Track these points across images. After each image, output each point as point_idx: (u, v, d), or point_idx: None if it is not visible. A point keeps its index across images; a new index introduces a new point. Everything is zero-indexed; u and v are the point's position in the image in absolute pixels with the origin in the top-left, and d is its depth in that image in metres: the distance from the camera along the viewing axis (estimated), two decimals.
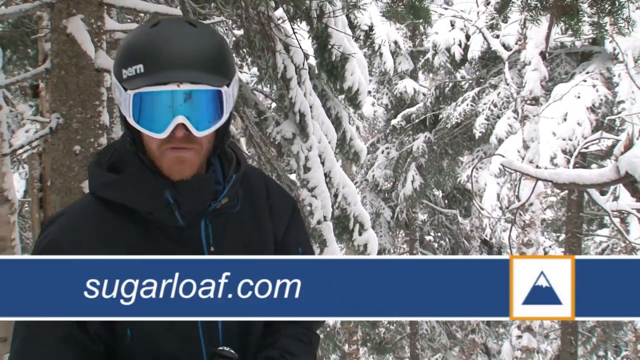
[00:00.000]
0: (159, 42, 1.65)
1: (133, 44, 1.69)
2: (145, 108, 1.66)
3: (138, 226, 1.79)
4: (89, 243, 1.75)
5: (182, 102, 1.65)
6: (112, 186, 1.80)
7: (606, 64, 12.97)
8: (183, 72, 1.63)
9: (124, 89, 1.68)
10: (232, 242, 1.90)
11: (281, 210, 2.07)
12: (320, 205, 8.36)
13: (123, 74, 1.67)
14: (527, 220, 12.01)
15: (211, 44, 1.71)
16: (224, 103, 1.71)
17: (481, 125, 14.04)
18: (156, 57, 1.64)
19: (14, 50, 7.50)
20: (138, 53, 1.66)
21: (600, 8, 5.52)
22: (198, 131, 1.67)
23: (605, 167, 4.80)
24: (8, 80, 5.39)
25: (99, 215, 1.79)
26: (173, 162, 1.73)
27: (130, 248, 1.76)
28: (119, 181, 1.79)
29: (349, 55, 8.70)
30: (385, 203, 18.27)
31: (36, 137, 5.21)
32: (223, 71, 1.71)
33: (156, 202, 1.76)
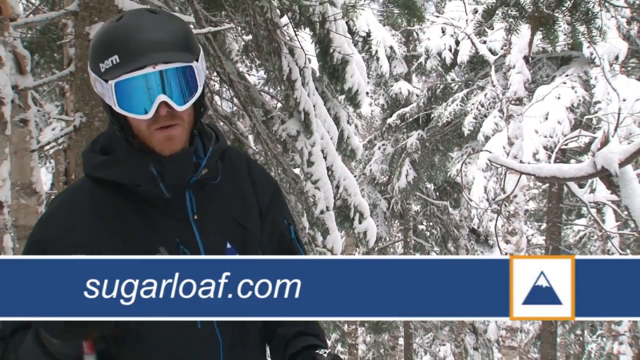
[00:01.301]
0: (128, 32, 1.67)
1: (104, 39, 1.70)
2: (128, 94, 1.67)
3: (128, 199, 1.81)
4: (82, 212, 1.79)
5: (160, 82, 1.66)
6: (102, 166, 1.83)
7: (584, 68, 12.95)
8: (155, 54, 1.65)
9: (105, 81, 1.68)
10: (215, 211, 1.90)
11: (264, 183, 2.06)
12: (323, 197, 8.36)
13: (100, 67, 1.68)
14: (511, 210, 12.00)
15: (174, 26, 1.73)
16: (196, 76, 1.72)
17: (470, 123, 14.03)
18: (128, 46, 1.65)
19: (41, 55, 7.50)
20: (110, 46, 1.67)
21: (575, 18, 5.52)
22: (179, 106, 1.69)
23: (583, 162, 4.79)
24: (36, 82, 5.38)
25: (92, 191, 1.83)
26: (163, 140, 1.74)
27: (121, 219, 1.79)
28: (108, 161, 1.82)
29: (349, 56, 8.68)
30: (381, 195, 18.27)
31: (61, 135, 5.20)
32: (189, 48, 1.72)
33: (142, 175, 1.77)
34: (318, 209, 8.35)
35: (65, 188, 1.95)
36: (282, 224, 2.08)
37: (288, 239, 2.09)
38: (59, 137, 5.28)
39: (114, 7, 4.50)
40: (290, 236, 2.10)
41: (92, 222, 1.78)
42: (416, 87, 17.94)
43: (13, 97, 4.32)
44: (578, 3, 5.62)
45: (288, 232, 2.10)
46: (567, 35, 6.18)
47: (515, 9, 5.97)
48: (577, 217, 18.42)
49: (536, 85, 12.96)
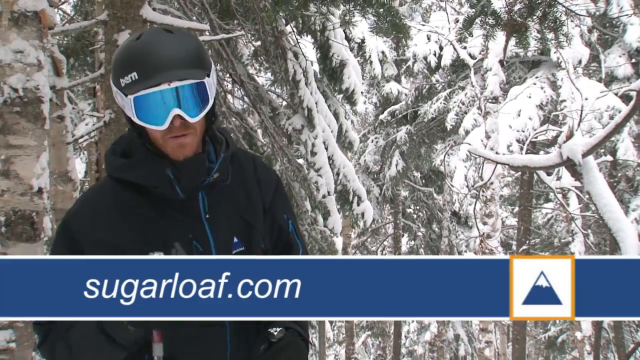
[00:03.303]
0: (146, 51, 1.67)
1: (125, 56, 1.71)
2: (145, 107, 1.68)
3: (146, 198, 1.80)
4: (106, 210, 1.79)
5: (174, 97, 1.67)
6: (123, 168, 1.82)
7: (551, 70, 12.92)
8: (170, 73, 1.65)
9: (125, 95, 1.69)
10: (225, 210, 1.88)
11: (267, 182, 2.03)
12: (324, 183, 8.38)
13: (121, 82, 1.69)
14: (488, 195, 12.02)
15: (188, 45, 1.72)
16: (207, 91, 1.72)
17: (452, 119, 14.01)
18: (146, 64, 1.65)
19: (75, 59, 7.50)
20: (130, 63, 1.68)
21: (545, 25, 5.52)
22: (191, 118, 1.69)
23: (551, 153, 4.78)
24: (71, 83, 5.37)
25: (114, 190, 1.83)
26: (176, 147, 1.75)
27: (140, 216, 1.79)
28: (129, 164, 1.82)
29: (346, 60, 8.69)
30: (374, 182, 18.27)
31: (93, 129, 5.20)
32: (201, 65, 1.72)
33: (159, 178, 1.77)
34: (320, 194, 8.38)
35: (91, 185, 1.96)
36: (282, 219, 2.05)
37: (286, 232, 2.06)
38: (91, 131, 5.29)
39: (139, 16, 4.49)
40: (288, 230, 2.06)
41: (114, 219, 1.78)
42: (405, 87, 17.90)
43: (51, 96, 4.31)
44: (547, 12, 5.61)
45: (287, 226, 2.06)
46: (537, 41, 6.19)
47: (492, 17, 5.97)
48: (545, 201, 18.42)
49: (510, 85, 12.94)
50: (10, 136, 3.20)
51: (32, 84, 3.23)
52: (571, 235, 15.78)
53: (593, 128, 10.75)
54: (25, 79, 3.22)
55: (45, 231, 3.32)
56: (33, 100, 3.24)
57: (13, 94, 3.19)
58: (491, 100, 11.60)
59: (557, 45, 5.97)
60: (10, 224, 3.20)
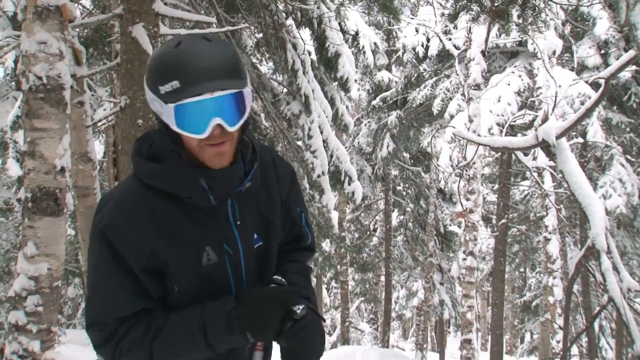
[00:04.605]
0: (187, 60, 1.56)
1: (165, 63, 1.59)
2: (187, 116, 1.57)
3: (178, 204, 1.71)
4: (140, 218, 1.68)
5: (215, 106, 1.57)
6: (155, 175, 1.70)
7: (529, 60, 12.90)
8: (212, 83, 1.55)
9: (164, 102, 1.58)
10: (251, 214, 1.84)
11: (285, 176, 1.99)
12: (319, 164, 8.36)
13: (160, 90, 1.58)
14: (471, 174, 12.01)
15: (227, 55, 1.61)
16: (245, 100, 1.62)
17: (438, 105, 13.99)
18: (188, 74, 1.55)
19: (94, 49, 7.46)
20: (171, 71, 1.56)
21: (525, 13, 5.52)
22: (231, 127, 1.59)
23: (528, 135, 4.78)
24: (90, 72, 5.34)
25: (146, 197, 1.70)
26: (214, 156, 1.65)
27: (173, 222, 1.70)
28: (161, 171, 1.70)
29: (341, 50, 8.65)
30: (367, 162, 18.28)
31: (110, 113, 5.18)
32: (241, 75, 1.62)
33: (194, 189, 1.69)
34: (315, 174, 8.37)
35: (119, 188, 1.77)
36: (296, 212, 2.03)
37: (299, 225, 2.05)
38: (109, 115, 5.27)
39: (152, 10, 4.46)
40: (300, 223, 2.06)
41: (149, 226, 1.68)
42: (395, 76, 17.84)
43: (72, 84, 4.31)
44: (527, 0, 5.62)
45: (299, 219, 2.05)
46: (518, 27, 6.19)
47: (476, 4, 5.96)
48: (522, 179, 18.44)
49: (491, 74, 12.91)
50: (35, 120, 3.20)
51: (54, 72, 3.23)
52: (545, 210, 15.83)
53: (566, 113, 10.76)
54: (49, 67, 3.21)
55: (68, 206, 3.33)
56: (55, 87, 3.23)
57: (37, 81, 3.19)
58: (474, 87, 11.56)
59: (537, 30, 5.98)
60: (36, 200, 3.21)
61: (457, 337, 28.75)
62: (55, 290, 3.29)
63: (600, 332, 16.91)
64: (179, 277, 1.71)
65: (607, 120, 12.70)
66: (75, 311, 16.63)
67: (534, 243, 20.51)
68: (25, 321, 3.18)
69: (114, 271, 1.66)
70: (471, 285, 12.36)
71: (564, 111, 10.78)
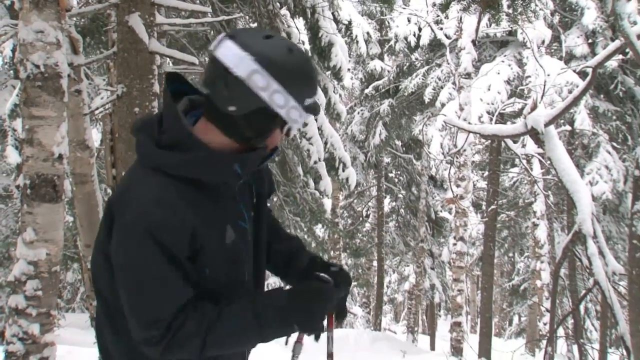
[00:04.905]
0: (314, 75, 1.67)
1: (311, 76, 1.66)
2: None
3: (200, 190, 1.68)
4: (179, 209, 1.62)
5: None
6: (189, 165, 1.65)
7: (518, 49, 12.90)
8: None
9: (304, 111, 1.65)
10: (264, 188, 1.93)
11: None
12: (315, 150, 8.36)
13: (305, 101, 1.64)
14: (461, 161, 12.03)
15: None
16: None
17: (429, 93, 14.00)
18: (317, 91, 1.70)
19: (91, 38, 7.42)
20: (314, 86, 1.67)
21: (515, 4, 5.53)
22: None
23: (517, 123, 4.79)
24: (87, 60, 5.31)
25: (176, 187, 1.64)
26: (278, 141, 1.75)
27: (202, 207, 1.67)
28: (196, 161, 1.65)
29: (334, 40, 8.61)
30: (360, 150, 18.27)
31: (107, 102, 5.16)
32: None
33: (230, 174, 1.68)
34: (312, 160, 8.37)
35: (148, 183, 1.65)
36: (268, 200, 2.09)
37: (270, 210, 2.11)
38: (106, 103, 5.25)
39: (147, 0, 4.43)
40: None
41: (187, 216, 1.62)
42: (387, 65, 17.80)
43: (69, 72, 4.28)
44: None
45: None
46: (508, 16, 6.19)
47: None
48: (511, 166, 18.50)
49: (481, 63, 12.91)
50: (33, 108, 3.19)
51: (51, 61, 3.21)
52: (534, 196, 15.89)
53: (554, 101, 10.76)
54: (46, 56, 3.19)
55: (66, 193, 3.33)
56: (53, 76, 3.21)
57: (35, 70, 3.16)
58: (464, 76, 11.56)
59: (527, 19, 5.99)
60: (34, 187, 3.20)
61: (447, 320, 28.90)
62: (54, 275, 3.29)
63: (586, 314, 17.04)
64: (210, 259, 1.68)
65: (594, 108, 12.72)
66: (74, 295, 16.63)
67: (522, 228, 20.61)
68: (25, 305, 3.18)
69: (166, 266, 1.60)
70: (461, 270, 12.43)
71: (552, 99, 10.79)
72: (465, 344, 11.95)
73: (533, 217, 15.98)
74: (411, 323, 19.88)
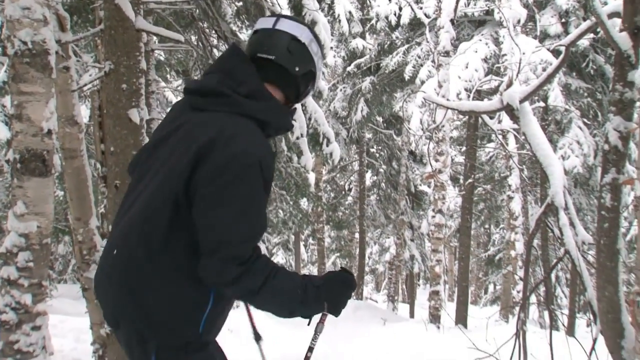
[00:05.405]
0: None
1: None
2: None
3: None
4: (272, 153, 1.81)
5: None
6: (270, 110, 1.87)
7: (495, 29, 12.88)
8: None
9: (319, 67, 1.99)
10: None
11: None
12: (298, 126, 8.31)
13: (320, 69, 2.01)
14: (440, 137, 12.06)
15: None
16: None
17: (409, 71, 13.98)
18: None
19: (78, 16, 7.31)
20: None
21: None
22: None
23: (493, 100, 4.79)
24: (74, 38, 5.22)
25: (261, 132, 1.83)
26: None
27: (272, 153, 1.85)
28: (275, 107, 1.89)
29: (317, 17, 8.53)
30: (342, 126, 18.24)
31: (95, 78, 5.09)
32: None
33: (289, 123, 1.99)
34: (294, 136, 8.32)
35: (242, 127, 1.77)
36: None
37: None
38: (94, 80, 5.18)
39: None
40: None
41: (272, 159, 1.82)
42: (369, 43, 17.71)
43: (57, 49, 4.21)
44: None
45: None
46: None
47: None
48: (488, 141, 18.57)
49: (459, 41, 12.88)
50: (21, 84, 3.14)
51: (39, 37, 3.15)
52: (509, 170, 16.00)
53: (529, 78, 10.79)
54: (33, 33, 3.14)
55: (55, 167, 3.29)
56: (41, 52, 3.16)
57: (22, 46, 3.11)
58: (443, 54, 11.53)
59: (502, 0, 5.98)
60: (24, 161, 3.16)
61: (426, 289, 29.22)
62: (45, 247, 3.27)
63: (557, 282, 17.29)
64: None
65: (566, 85, 12.79)
66: (66, 267, 16.56)
67: (498, 201, 20.77)
68: (16, 276, 3.17)
69: (263, 196, 1.77)
70: (439, 241, 12.53)
71: (527, 77, 10.82)
72: (443, 311, 12.09)
73: (508, 190, 16.10)
74: (391, 292, 20.07)
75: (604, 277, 3.49)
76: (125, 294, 1.74)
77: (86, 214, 5.13)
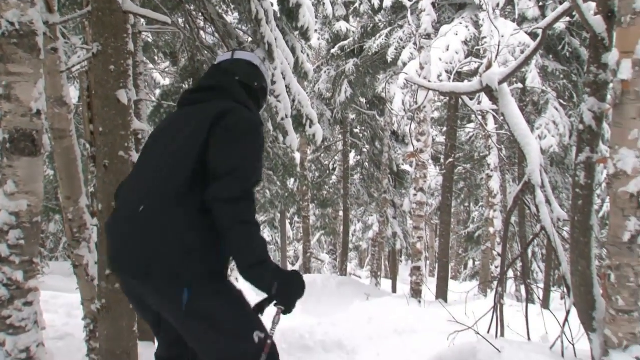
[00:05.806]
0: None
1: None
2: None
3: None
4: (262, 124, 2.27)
5: None
6: (249, 102, 2.41)
7: (475, 12, 12.86)
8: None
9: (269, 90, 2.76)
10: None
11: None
12: (283, 107, 8.27)
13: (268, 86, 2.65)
14: (421, 117, 12.08)
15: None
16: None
17: (392, 53, 13.93)
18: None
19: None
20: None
21: None
22: None
23: (473, 81, 4.80)
24: (62, 19, 5.13)
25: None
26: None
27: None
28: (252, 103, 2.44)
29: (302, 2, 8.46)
30: (327, 107, 18.20)
31: (83, 60, 5.03)
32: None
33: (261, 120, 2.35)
34: (279, 117, 8.28)
35: (243, 107, 2.33)
36: None
37: None
38: (82, 61, 5.11)
39: None
40: None
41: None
42: (352, 26, 17.63)
43: (45, 31, 4.14)
44: None
45: None
46: None
47: None
48: (468, 122, 18.64)
49: (440, 24, 12.85)
50: (9, 65, 3.09)
51: (26, 18, 3.10)
52: (488, 149, 16.08)
53: (507, 60, 10.82)
54: (20, 14, 3.08)
55: (45, 147, 3.26)
56: (28, 33, 3.11)
57: (10, 27, 3.06)
58: (425, 37, 11.51)
59: None
60: (14, 141, 3.13)
61: (408, 265, 29.47)
62: (35, 225, 3.24)
63: (533, 258, 17.52)
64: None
65: (543, 67, 12.83)
66: (57, 245, 16.48)
67: (477, 180, 20.91)
68: (8, 253, 3.14)
69: (262, 154, 2.19)
70: (421, 219, 12.61)
71: (506, 59, 10.84)
72: (424, 286, 12.22)
73: (487, 169, 16.20)
74: (374, 268, 20.21)
75: (578, 252, 3.54)
76: (163, 237, 1.98)
77: (76, 193, 5.09)
